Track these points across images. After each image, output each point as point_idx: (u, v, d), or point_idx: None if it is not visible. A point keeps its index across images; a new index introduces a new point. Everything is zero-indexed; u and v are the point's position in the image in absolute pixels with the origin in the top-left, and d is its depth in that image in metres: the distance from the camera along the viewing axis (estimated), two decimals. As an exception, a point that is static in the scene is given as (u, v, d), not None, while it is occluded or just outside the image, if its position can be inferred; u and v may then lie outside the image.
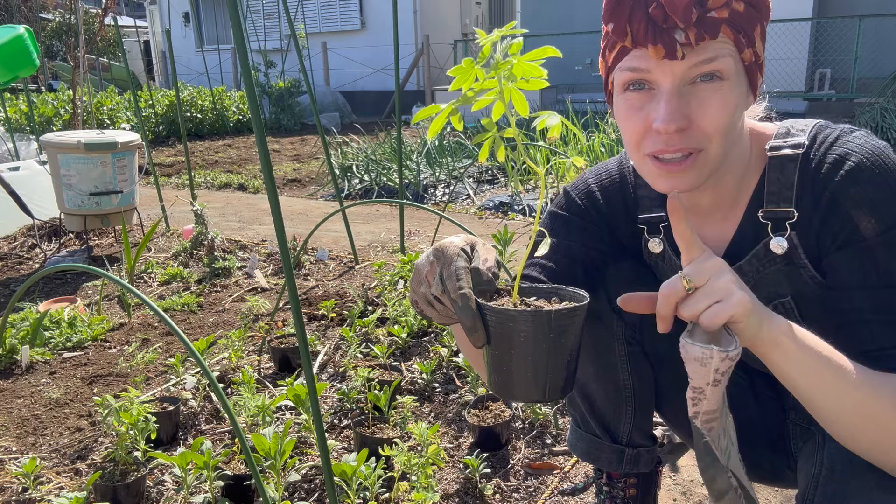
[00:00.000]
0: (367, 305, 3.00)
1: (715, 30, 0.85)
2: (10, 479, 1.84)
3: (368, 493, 1.63)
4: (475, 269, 0.85)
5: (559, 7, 11.49)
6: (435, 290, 0.86)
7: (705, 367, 0.77)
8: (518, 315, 0.79)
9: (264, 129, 1.16)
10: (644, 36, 0.85)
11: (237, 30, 1.09)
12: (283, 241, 1.16)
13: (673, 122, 0.87)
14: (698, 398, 0.79)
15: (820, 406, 0.84)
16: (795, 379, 0.83)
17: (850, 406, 0.82)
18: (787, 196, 0.96)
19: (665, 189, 0.95)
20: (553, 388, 0.82)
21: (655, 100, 0.90)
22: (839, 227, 0.91)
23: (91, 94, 7.21)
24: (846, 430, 0.84)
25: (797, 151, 0.96)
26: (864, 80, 8.98)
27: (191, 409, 2.17)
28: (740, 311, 0.79)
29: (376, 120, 12.00)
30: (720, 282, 0.81)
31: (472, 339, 0.82)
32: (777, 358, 0.83)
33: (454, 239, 0.88)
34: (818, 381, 0.82)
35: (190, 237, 4.03)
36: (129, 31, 17.32)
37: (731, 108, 0.89)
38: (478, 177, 6.28)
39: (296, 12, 12.87)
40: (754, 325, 0.80)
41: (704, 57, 0.86)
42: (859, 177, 0.90)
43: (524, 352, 0.80)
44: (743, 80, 0.91)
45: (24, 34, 3.90)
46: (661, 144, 0.90)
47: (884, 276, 0.88)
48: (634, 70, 0.90)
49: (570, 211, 1.18)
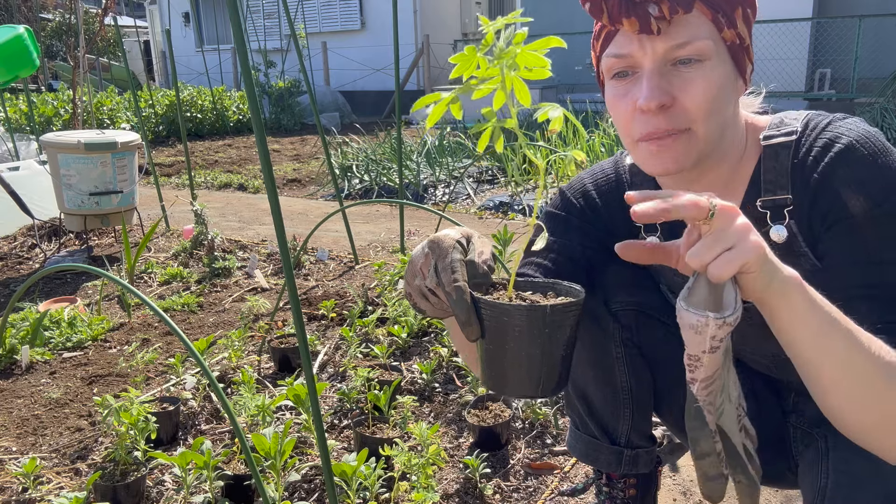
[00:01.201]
0: (367, 305, 3.00)
1: (688, 4, 0.87)
2: (10, 479, 1.84)
3: (368, 493, 1.63)
4: (471, 262, 0.85)
5: (559, 7, 11.49)
6: (429, 282, 0.85)
7: (700, 335, 0.72)
8: (513, 309, 0.78)
9: (264, 129, 1.16)
10: (618, 11, 0.88)
11: (237, 30, 1.09)
12: (283, 241, 1.16)
13: (654, 99, 0.89)
14: (695, 365, 0.75)
15: (824, 373, 0.79)
16: (802, 338, 0.78)
17: (857, 373, 0.77)
18: (783, 183, 0.97)
19: (656, 170, 0.96)
20: (547, 383, 0.81)
21: (639, 82, 0.92)
22: (828, 207, 0.91)
23: (91, 94, 7.21)
24: (849, 404, 0.79)
25: (790, 139, 0.97)
26: (864, 80, 8.97)
27: (191, 409, 2.17)
28: (753, 257, 0.72)
29: (376, 120, 12.00)
30: (736, 225, 0.73)
31: (467, 333, 0.81)
32: (785, 312, 0.77)
33: (450, 231, 0.88)
34: (826, 342, 0.77)
35: (190, 237, 4.03)
36: (129, 31, 17.32)
37: (715, 87, 0.90)
38: (478, 177, 6.28)
39: (296, 12, 12.87)
40: (766, 276, 0.74)
41: (682, 39, 0.88)
42: (847, 157, 0.91)
43: (518, 346, 0.79)
44: (726, 59, 0.92)
45: (23, 34, 3.89)
46: (649, 127, 0.92)
47: (873, 252, 0.88)
48: (618, 56, 0.93)
49: (566, 210, 1.18)
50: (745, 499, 0.83)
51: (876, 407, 0.78)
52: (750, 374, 1.23)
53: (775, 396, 1.21)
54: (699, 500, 1.71)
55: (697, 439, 0.78)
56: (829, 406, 0.81)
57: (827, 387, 0.80)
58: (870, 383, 0.78)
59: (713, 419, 0.78)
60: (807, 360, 0.79)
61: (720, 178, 1.01)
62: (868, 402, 0.79)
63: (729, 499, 1.72)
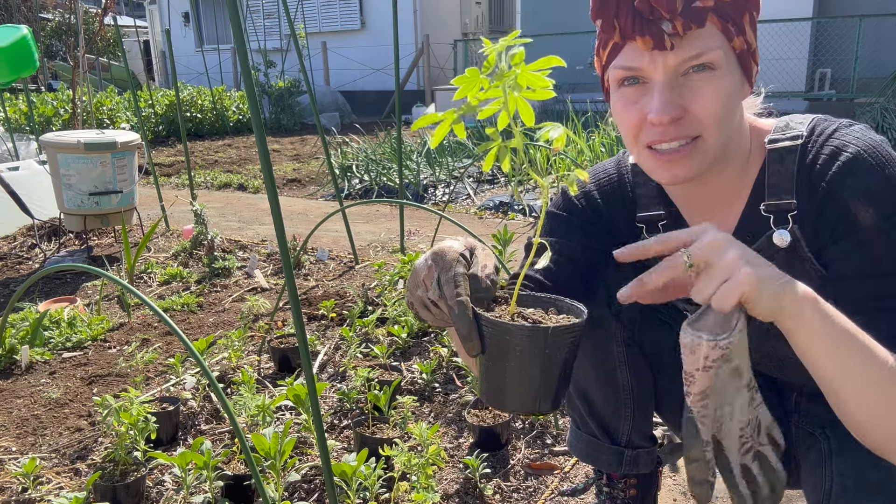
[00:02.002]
0: (367, 305, 3.00)
1: (701, 19, 0.86)
2: (10, 479, 1.84)
3: (368, 494, 1.63)
4: (473, 276, 0.85)
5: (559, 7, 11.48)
6: (432, 294, 0.85)
7: (694, 355, 0.77)
8: (515, 329, 0.78)
9: (264, 129, 1.15)
10: (632, 29, 0.87)
11: (237, 30, 1.09)
12: (283, 241, 1.16)
13: (666, 113, 0.89)
14: (689, 381, 0.79)
15: (846, 388, 0.79)
16: (821, 355, 0.78)
17: (877, 388, 0.78)
18: (788, 188, 0.96)
19: (666, 180, 0.96)
20: (545, 400, 0.82)
21: (649, 93, 0.91)
22: (837, 218, 0.91)
23: (91, 94, 7.21)
24: (871, 418, 0.79)
25: (795, 143, 0.97)
26: (864, 80, 8.97)
27: (191, 409, 2.17)
28: (748, 289, 0.75)
29: (376, 120, 12.00)
30: (725, 259, 0.76)
31: (467, 348, 0.81)
32: (800, 330, 0.78)
33: (453, 243, 0.87)
34: (844, 358, 0.78)
35: (190, 237, 4.03)
36: (128, 31, 17.31)
37: (725, 96, 0.90)
38: (478, 177, 6.28)
39: (296, 12, 12.86)
40: (769, 300, 0.76)
41: (694, 52, 0.88)
42: (856, 167, 0.90)
43: (518, 365, 0.79)
44: (735, 68, 0.92)
45: (27, 35, 3.90)
46: (658, 135, 0.91)
47: (885, 264, 0.87)
48: (627, 68, 0.92)
49: (568, 211, 1.17)
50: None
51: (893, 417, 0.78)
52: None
53: (777, 396, 1.21)
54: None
55: (689, 445, 0.81)
56: (852, 420, 0.82)
57: (849, 401, 0.80)
58: (891, 397, 0.78)
59: (708, 431, 0.81)
60: (829, 377, 0.79)
61: (725, 182, 1.01)
62: (890, 416, 0.78)
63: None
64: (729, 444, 0.83)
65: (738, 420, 0.83)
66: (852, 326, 0.79)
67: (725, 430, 0.82)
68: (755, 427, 0.85)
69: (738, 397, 0.82)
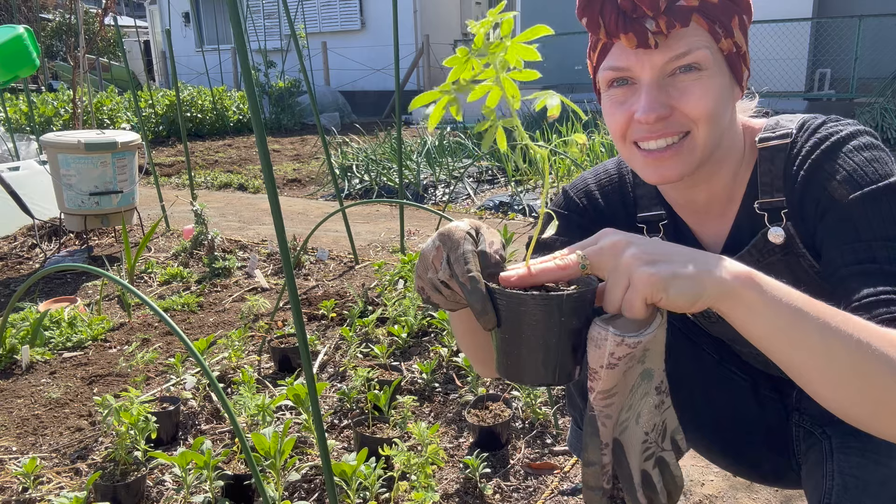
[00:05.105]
0: (367, 305, 3.00)
1: (685, 18, 0.87)
2: (10, 478, 1.84)
3: (368, 493, 1.63)
4: (482, 253, 0.84)
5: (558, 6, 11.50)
6: (442, 274, 0.85)
7: (600, 350, 0.73)
8: (529, 298, 0.78)
9: (264, 129, 1.16)
10: (615, 26, 0.88)
11: (237, 30, 1.09)
12: (283, 241, 1.17)
13: (653, 111, 0.90)
14: (594, 377, 0.75)
15: (806, 366, 0.73)
16: (770, 335, 0.73)
17: (839, 361, 0.72)
18: (779, 185, 0.98)
19: (655, 179, 0.97)
20: (562, 370, 0.81)
21: (637, 93, 0.93)
22: (817, 201, 0.92)
23: (91, 94, 7.21)
24: (841, 394, 0.73)
25: (784, 141, 0.98)
26: (864, 80, 8.97)
27: (191, 408, 2.17)
28: (649, 291, 0.71)
29: (376, 120, 12.00)
30: (622, 263, 0.73)
31: (483, 322, 0.80)
32: (735, 311, 0.73)
33: (459, 223, 0.87)
34: (798, 334, 0.72)
35: (190, 237, 4.03)
36: (129, 31, 17.32)
37: (714, 95, 0.91)
38: (478, 177, 6.28)
39: (296, 12, 12.87)
40: (683, 292, 0.71)
41: (680, 51, 0.89)
42: (833, 152, 0.92)
43: (534, 335, 0.79)
44: (724, 69, 0.93)
45: (23, 34, 3.89)
46: (645, 132, 0.93)
47: (862, 231, 0.88)
48: (616, 69, 0.93)
49: (568, 209, 1.18)
50: None
51: (869, 391, 0.72)
52: (752, 374, 1.23)
53: (778, 396, 1.21)
54: (699, 500, 1.71)
55: (587, 445, 0.79)
56: (824, 399, 0.75)
57: (813, 380, 0.74)
58: (854, 368, 0.72)
59: (609, 433, 0.79)
60: (785, 357, 0.74)
61: (720, 182, 1.02)
62: (860, 388, 0.72)
63: (769, 491, 1.73)
64: (631, 448, 0.79)
65: (644, 423, 0.80)
66: (804, 300, 0.73)
67: (629, 434, 0.79)
68: (660, 432, 0.82)
69: (646, 400, 0.79)
